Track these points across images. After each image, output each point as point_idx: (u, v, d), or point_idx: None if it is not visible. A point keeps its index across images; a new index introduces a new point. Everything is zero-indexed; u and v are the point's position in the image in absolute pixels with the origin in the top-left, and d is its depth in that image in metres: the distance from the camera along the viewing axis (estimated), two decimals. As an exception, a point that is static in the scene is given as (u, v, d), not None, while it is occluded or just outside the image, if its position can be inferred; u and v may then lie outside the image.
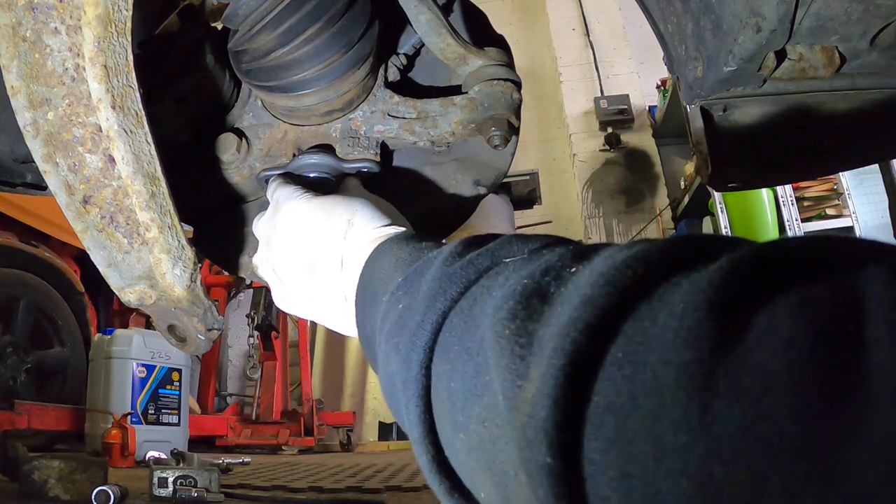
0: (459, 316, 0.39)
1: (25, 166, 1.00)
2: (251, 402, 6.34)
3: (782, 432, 0.20)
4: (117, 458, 3.22)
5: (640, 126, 6.01)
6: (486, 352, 0.34)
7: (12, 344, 3.51)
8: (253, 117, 0.83)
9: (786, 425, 0.20)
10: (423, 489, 2.25)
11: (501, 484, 0.32)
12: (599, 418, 0.25)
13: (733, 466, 0.21)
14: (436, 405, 0.39)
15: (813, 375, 0.20)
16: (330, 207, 0.65)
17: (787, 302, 0.22)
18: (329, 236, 0.63)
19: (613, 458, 0.25)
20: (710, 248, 0.28)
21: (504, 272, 0.38)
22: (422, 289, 0.43)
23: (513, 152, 0.85)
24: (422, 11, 0.72)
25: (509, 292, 0.34)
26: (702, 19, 0.86)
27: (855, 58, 0.88)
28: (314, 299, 0.66)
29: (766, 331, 0.22)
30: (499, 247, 0.41)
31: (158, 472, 1.95)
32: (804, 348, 0.21)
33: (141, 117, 0.66)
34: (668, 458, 0.23)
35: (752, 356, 0.22)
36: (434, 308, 0.40)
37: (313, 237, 0.64)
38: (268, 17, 0.69)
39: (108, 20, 0.62)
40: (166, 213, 0.68)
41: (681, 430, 0.22)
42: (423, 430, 0.39)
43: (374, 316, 0.51)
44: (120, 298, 0.71)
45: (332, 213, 0.64)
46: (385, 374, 0.46)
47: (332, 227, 0.63)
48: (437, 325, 0.40)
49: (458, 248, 0.44)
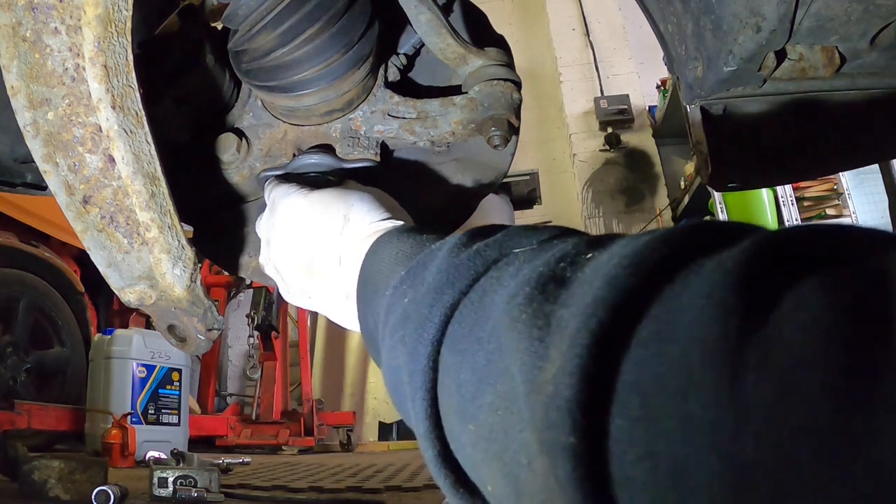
0: (469, 308, 0.38)
1: (25, 166, 1.00)
2: (251, 402, 6.34)
3: (813, 405, 0.20)
4: (117, 458, 3.22)
5: (640, 126, 6.01)
6: (500, 338, 0.33)
7: (12, 344, 3.52)
8: (253, 117, 0.83)
9: (816, 398, 0.20)
10: (423, 489, 2.25)
11: (512, 474, 0.31)
12: (625, 397, 0.25)
13: (763, 440, 0.21)
14: (442, 399, 0.38)
15: (842, 351, 0.20)
16: (326, 203, 0.64)
17: (814, 282, 0.22)
18: (325, 233, 0.62)
19: (639, 437, 0.24)
20: (732, 232, 0.28)
21: (514, 263, 0.37)
22: (427, 280, 0.42)
23: (513, 152, 0.85)
24: (422, 11, 0.72)
25: (524, 280, 0.33)
26: (702, 19, 0.86)
27: (855, 58, 0.88)
28: (315, 297, 0.65)
29: (794, 308, 0.22)
30: (507, 238, 0.41)
31: (158, 472, 1.95)
32: (833, 325, 0.21)
33: (141, 117, 0.66)
34: (696, 434, 0.22)
35: (780, 332, 0.22)
36: (442, 300, 0.40)
37: (310, 234, 0.64)
38: (268, 17, 0.69)
39: (108, 20, 0.62)
40: (166, 213, 0.68)
41: (710, 405, 0.22)
42: (430, 425, 0.38)
43: (376, 311, 0.50)
44: (120, 298, 0.71)
45: (328, 209, 0.63)
46: (390, 368, 0.45)
47: (329, 224, 0.62)
48: (446, 317, 0.39)
49: (464, 239, 0.44)
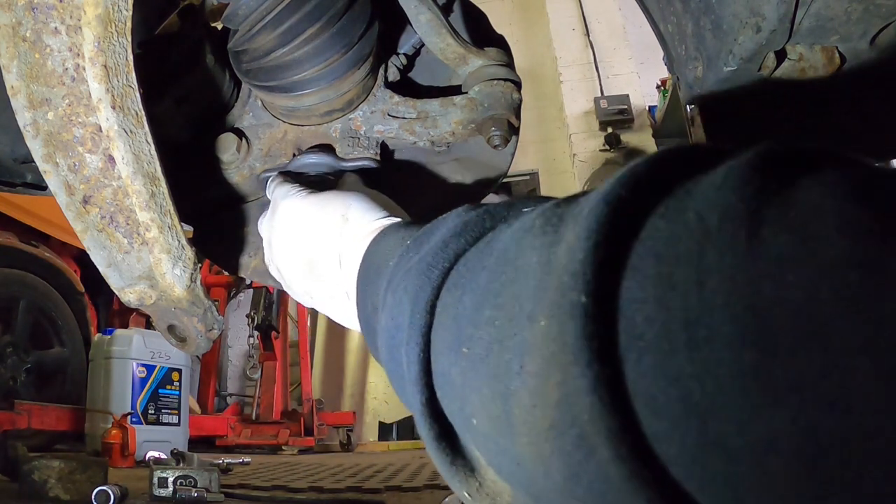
0: (474, 253, 0.37)
1: (25, 166, 1.00)
2: (251, 402, 6.34)
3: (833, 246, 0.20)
4: (117, 458, 3.22)
5: (640, 126, 6.01)
6: (507, 252, 0.33)
7: (12, 344, 3.52)
8: (253, 117, 0.83)
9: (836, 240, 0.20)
10: (423, 489, 2.25)
11: (502, 393, 0.30)
12: (638, 259, 0.25)
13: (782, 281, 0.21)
14: (436, 340, 0.37)
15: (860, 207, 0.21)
16: (324, 203, 0.64)
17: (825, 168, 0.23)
18: (324, 233, 0.62)
19: (651, 292, 0.24)
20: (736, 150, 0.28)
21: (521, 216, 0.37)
22: (433, 239, 0.42)
23: (513, 152, 0.85)
24: (422, 11, 0.72)
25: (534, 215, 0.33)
26: (702, 19, 0.86)
27: (855, 58, 0.88)
28: (317, 297, 0.65)
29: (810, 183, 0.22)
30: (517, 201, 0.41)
31: (158, 472, 1.95)
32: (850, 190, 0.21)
33: (141, 117, 0.66)
34: (712, 281, 0.22)
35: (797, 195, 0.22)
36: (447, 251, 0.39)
37: (309, 235, 0.64)
38: (268, 17, 0.69)
39: (108, 20, 0.62)
40: (166, 213, 0.68)
41: (727, 254, 0.22)
42: (420, 370, 0.37)
43: (376, 291, 0.49)
44: (120, 298, 0.71)
45: (327, 209, 0.63)
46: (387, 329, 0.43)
47: (327, 224, 0.62)
48: (450, 264, 0.38)
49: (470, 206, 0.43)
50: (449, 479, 0.38)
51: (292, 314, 6.43)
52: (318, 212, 0.64)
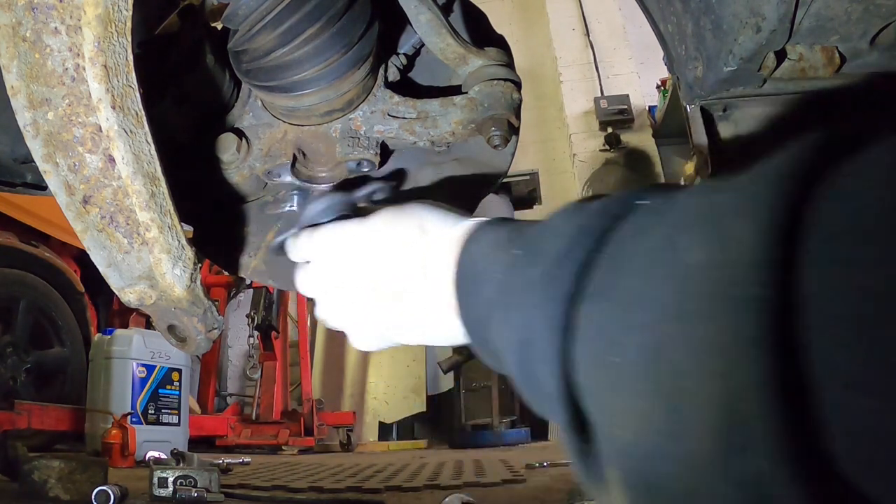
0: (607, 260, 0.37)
1: (25, 166, 1.00)
2: (251, 402, 6.34)
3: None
4: (117, 458, 3.23)
5: (640, 126, 6.01)
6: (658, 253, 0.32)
7: (12, 344, 3.52)
8: (253, 117, 0.83)
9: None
10: (423, 489, 2.25)
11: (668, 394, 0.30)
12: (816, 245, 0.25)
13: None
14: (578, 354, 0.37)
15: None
16: (392, 221, 0.61)
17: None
18: (401, 249, 0.59)
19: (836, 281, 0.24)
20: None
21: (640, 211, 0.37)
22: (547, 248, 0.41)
23: (513, 152, 0.85)
24: (422, 11, 0.72)
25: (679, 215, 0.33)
26: (702, 19, 0.86)
27: (855, 58, 0.88)
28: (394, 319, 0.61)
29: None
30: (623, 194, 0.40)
31: (158, 472, 1.95)
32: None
33: (141, 117, 0.66)
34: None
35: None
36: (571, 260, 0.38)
37: (381, 255, 0.60)
38: (268, 17, 0.69)
39: (108, 20, 0.62)
40: (166, 213, 0.68)
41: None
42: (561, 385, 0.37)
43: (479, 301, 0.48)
44: (120, 298, 0.71)
45: (397, 227, 0.60)
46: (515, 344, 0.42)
47: (404, 239, 0.59)
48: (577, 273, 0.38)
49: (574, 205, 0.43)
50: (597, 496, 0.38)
51: (292, 314, 6.43)
52: (388, 230, 0.60)
